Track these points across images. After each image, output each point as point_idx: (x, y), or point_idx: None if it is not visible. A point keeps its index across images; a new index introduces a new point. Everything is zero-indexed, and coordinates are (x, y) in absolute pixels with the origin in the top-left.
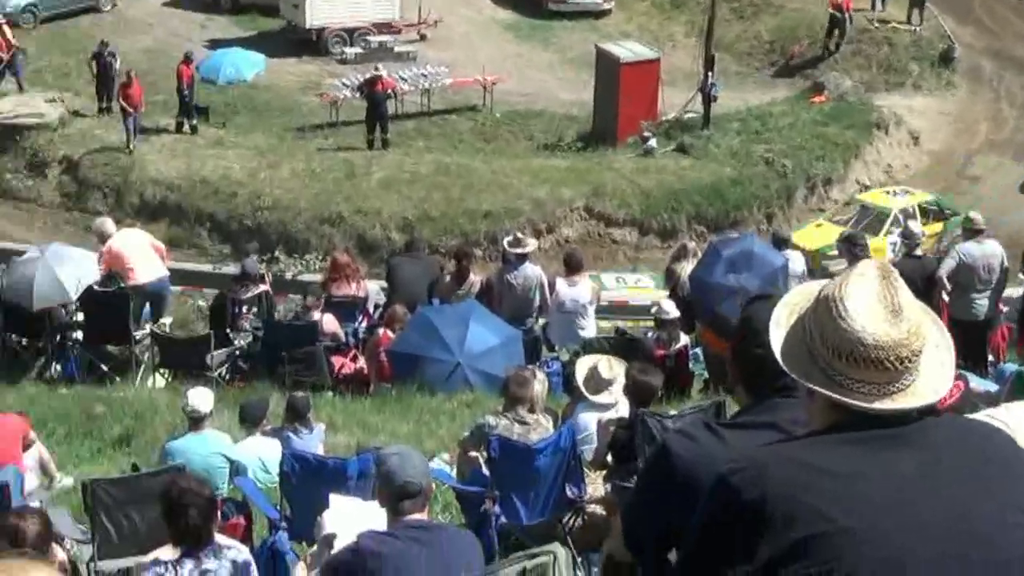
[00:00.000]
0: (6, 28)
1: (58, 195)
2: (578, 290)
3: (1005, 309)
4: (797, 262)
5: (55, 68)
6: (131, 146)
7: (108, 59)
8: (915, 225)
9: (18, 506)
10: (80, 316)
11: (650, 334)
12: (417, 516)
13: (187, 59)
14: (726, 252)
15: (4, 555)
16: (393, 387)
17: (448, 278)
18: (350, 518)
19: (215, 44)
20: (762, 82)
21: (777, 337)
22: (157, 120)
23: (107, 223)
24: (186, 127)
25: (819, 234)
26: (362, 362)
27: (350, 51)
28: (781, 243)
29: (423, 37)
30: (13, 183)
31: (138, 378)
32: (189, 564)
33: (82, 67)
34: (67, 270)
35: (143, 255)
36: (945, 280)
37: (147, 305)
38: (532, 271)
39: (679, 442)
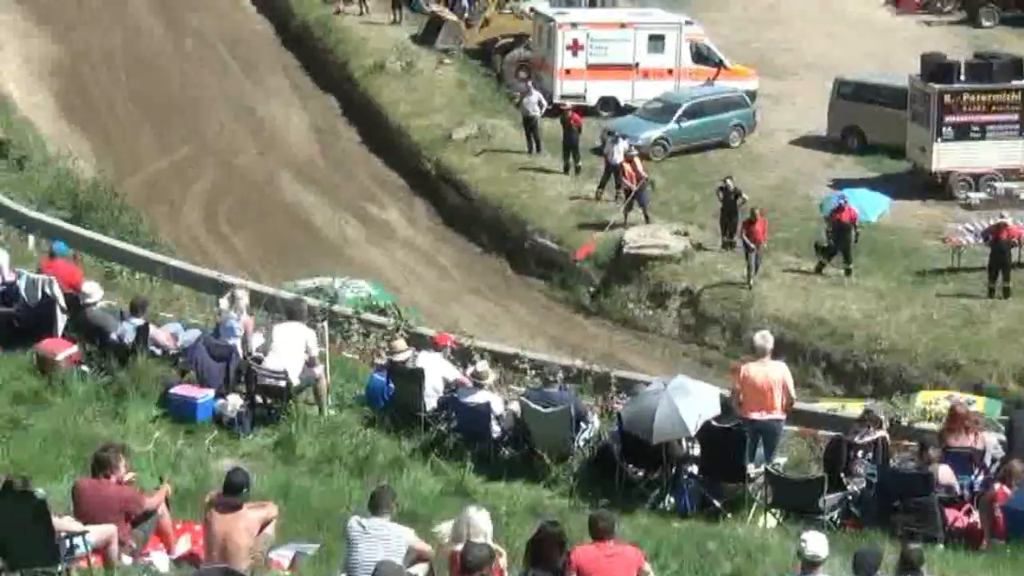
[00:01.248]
0: (637, 160)
1: (677, 327)
2: None
3: None
4: None
5: (681, 201)
6: (751, 282)
7: (732, 195)
8: None
9: None
10: (696, 449)
11: None
12: None
13: (841, 205)
14: None
15: None
16: (1008, 545)
17: None
18: None
19: (839, 183)
20: None
21: None
22: (778, 257)
23: (769, 340)
24: (825, 268)
25: None
26: (976, 516)
27: (975, 196)
28: None
29: None
30: (635, 312)
31: (750, 516)
32: None
33: (708, 200)
34: (688, 403)
35: (770, 392)
36: None
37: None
38: None
39: None
